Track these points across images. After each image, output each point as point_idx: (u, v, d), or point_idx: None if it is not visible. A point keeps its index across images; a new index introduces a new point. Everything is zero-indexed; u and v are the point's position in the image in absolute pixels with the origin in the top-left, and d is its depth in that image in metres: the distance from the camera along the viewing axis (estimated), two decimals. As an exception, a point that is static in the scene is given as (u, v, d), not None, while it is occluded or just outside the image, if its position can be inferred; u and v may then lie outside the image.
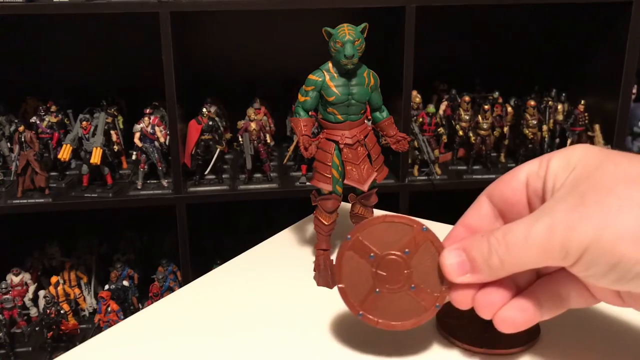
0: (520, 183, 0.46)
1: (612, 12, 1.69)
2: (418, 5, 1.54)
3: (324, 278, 0.66)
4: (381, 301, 0.47)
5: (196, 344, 0.55)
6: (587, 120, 1.77)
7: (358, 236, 0.47)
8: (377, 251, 0.47)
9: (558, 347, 0.51)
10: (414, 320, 0.47)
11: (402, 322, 0.48)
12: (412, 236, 0.46)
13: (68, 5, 1.51)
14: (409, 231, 0.47)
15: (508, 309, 0.45)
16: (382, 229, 0.47)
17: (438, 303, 0.47)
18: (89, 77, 1.91)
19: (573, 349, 0.51)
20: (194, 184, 1.69)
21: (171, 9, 1.50)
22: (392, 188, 1.68)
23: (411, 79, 1.61)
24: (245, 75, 1.94)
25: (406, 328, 0.48)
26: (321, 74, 0.66)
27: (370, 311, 0.48)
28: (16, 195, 1.61)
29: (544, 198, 0.44)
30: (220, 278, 0.68)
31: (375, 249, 0.47)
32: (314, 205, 0.70)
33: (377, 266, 0.47)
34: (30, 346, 1.70)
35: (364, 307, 0.48)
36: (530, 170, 0.45)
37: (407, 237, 0.47)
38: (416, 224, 0.47)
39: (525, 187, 0.46)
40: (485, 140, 1.77)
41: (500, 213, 0.48)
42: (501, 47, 2.02)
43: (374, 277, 0.47)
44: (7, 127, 1.75)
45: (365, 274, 0.47)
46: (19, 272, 1.75)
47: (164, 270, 1.78)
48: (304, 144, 0.66)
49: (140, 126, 1.67)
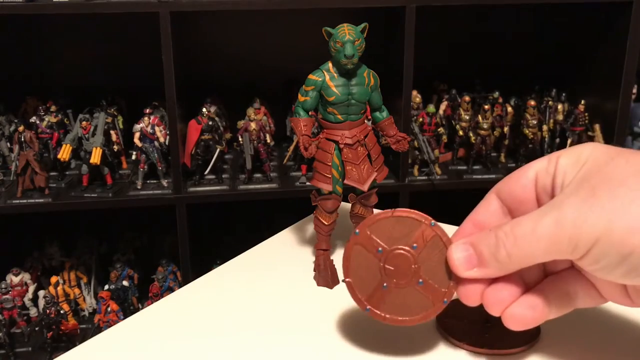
0: (529, 180, 0.46)
1: (612, 12, 1.69)
2: (418, 5, 1.54)
3: (324, 278, 0.66)
4: (389, 296, 0.47)
5: (196, 344, 0.55)
6: (587, 120, 1.77)
7: (366, 230, 0.47)
8: (385, 245, 0.47)
9: (558, 347, 0.51)
10: (422, 315, 0.47)
11: (409, 318, 0.47)
12: (421, 231, 0.46)
13: (68, 5, 1.51)
14: (417, 226, 0.46)
15: (517, 306, 0.44)
16: (390, 223, 0.47)
17: (446, 299, 0.46)
18: (89, 77, 1.91)
19: (573, 349, 0.51)
20: (194, 184, 1.69)
21: (171, 9, 1.49)
22: (392, 188, 1.68)
23: (411, 79, 1.61)
24: (245, 75, 1.94)
25: (414, 323, 0.47)
26: (321, 73, 0.66)
27: (378, 306, 0.47)
28: (16, 195, 1.61)
29: (552, 194, 0.44)
30: (220, 278, 0.68)
31: (383, 243, 0.47)
32: (314, 205, 0.70)
33: (384, 261, 0.47)
34: (30, 346, 1.70)
35: (372, 302, 0.48)
36: (539, 168, 0.45)
37: (416, 231, 0.46)
38: (425, 219, 0.47)
39: (534, 184, 0.46)
40: (485, 140, 1.77)
41: (509, 210, 0.48)
42: (501, 47, 2.02)
43: (381, 272, 0.47)
44: (7, 127, 1.75)
45: (373, 269, 0.47)
46: (18, 272, 1.75)
47: (163, 270, 1.78)
48: (304, 144, 0.66)
49: (140, 126, 1.67)
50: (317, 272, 0.67)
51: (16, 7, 1.50)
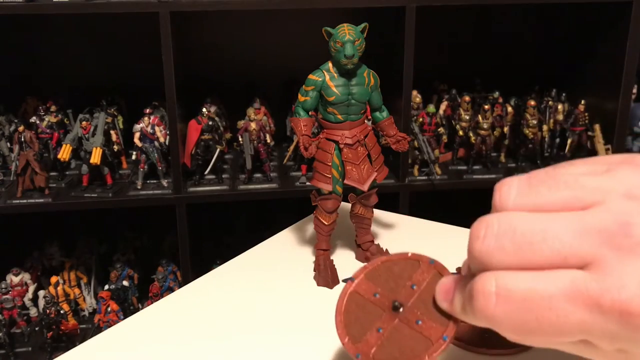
0: None
1: (612, 12, 1.69)
2: (418, 5, 1.54)
3: (324, 278, 0.66)
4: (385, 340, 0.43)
5: (196, 344, 0.55)
6: (587, 120, 1.77)
7: (362, 276, 0.45)
8: (381, 289, 0.44)
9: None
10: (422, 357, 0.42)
11: None
12: (420, 271, 0.44)
13: (68, 5, 1.51)
14: (416, 267, 0.44)
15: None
16: (387, 267, 0.45)
17: (446, 334, 0.42)
18: (89, 77, 1.91)
19: (573, 349, 0.51)
20: (194, 184, 1.69)
21: (171, 8, 1.50)
22: (392, 188, 1.68)
23: (411, 79, 1.61)
24: (245, 75, 1.94)
25: None
26: (321, 74, 0.66)
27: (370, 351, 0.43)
28: (16, 195, 1.61)
29: None
30: (220, 278, 0.68)
31: (380, 287, 0.44)
32: (314, 205, 0.70)
33: (381, 304, 0.44)
34: (30, 346, 1.70)
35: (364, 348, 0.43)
36: None
37: (414, 273, 0.44)
38: (422, 259, 0.44)
39: None
40: (485, 140, 1.77)
41: None
42: (501, 47, 2.02)
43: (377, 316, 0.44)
44: (7, 127, 1.75)
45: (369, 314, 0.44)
46: (18, 272, 1.75)
47: (163, 270, 1.78)
48: (304, 144, 0.66)
49: (140, 126, 1.67)
50: (317, 272, 0.67)
51: (16, 7, 1.50)
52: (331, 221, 0.69)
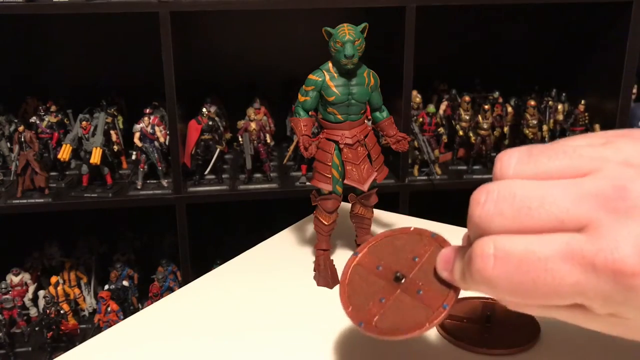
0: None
1: (612, 12, 1.69)
2: (418, 5, 1.54)
3: (324, 278, 0.66)
4: (387, 309, 0.44)
5: (196, 344, 0.55)
6: (587, 120, 1.77)
7: (365, 250, 0.46)
8: (384, 262, 0.46)
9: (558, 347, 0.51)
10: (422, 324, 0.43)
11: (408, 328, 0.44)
12: (422, 244, 0.45)
13: (68, 5, 1.51)
14: (418, 240, 0.45)
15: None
16: (389, 242, 0.46)
17: (446, 303, 0.43)
18: (89, 77, 1.91)
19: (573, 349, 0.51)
20: (194, 184, 1.69)
21: (171, 9, 1.50)
22: (392, 188, 1.68)
23: (411, 79, 1.61)
24: (245, 75, 1.94)
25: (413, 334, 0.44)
26: (321, 74, 0.66)
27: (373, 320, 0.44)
28: (16, 195, 1.61)
29: None
30: (220, 278, 0.68)
31: (383, 260, 0.46)
32: (314, 205, 0.70)
33: (384, 276, 0.45)
34: (30, 346, 1.70)
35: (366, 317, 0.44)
36: None
37: (416, 246, 0.45)
38: (423, 232, 0.45)
39: None
40: (485, 140, 1.77)
41: None
42: (501, 47, 2.02)
43: (380, 287, 0.45)
44: (7, 127, 1.75)
45: (372, 285, 0.45)
46: (18, 272, 1.75)
47: (163, 270, 1.78)
48: (304, 144, 0.66)
49: (140, 126, 1.67)
50: (317, 272, 0.67)
51: (16, 7, 1.50)
52: (331, 221, 0.69)
